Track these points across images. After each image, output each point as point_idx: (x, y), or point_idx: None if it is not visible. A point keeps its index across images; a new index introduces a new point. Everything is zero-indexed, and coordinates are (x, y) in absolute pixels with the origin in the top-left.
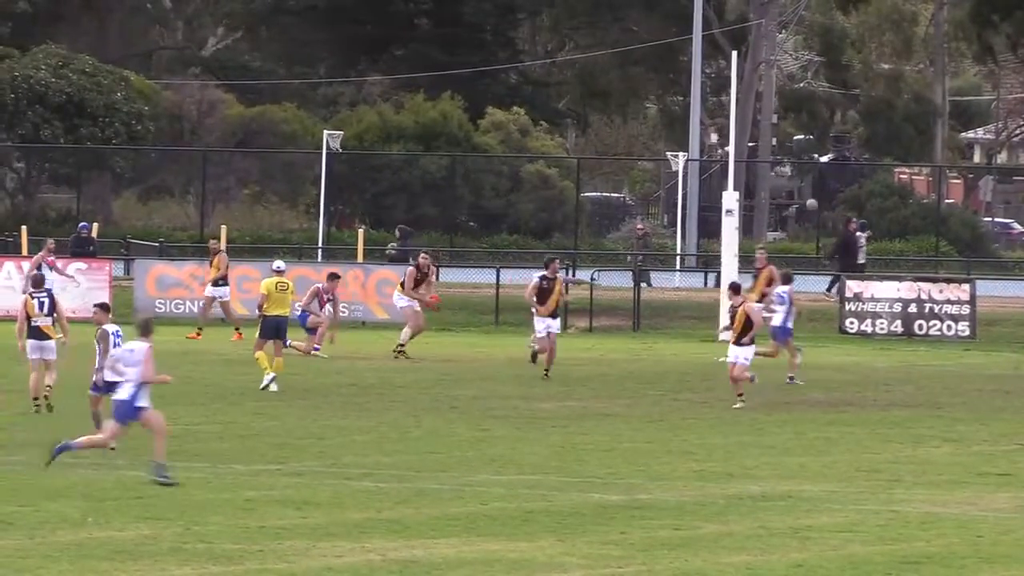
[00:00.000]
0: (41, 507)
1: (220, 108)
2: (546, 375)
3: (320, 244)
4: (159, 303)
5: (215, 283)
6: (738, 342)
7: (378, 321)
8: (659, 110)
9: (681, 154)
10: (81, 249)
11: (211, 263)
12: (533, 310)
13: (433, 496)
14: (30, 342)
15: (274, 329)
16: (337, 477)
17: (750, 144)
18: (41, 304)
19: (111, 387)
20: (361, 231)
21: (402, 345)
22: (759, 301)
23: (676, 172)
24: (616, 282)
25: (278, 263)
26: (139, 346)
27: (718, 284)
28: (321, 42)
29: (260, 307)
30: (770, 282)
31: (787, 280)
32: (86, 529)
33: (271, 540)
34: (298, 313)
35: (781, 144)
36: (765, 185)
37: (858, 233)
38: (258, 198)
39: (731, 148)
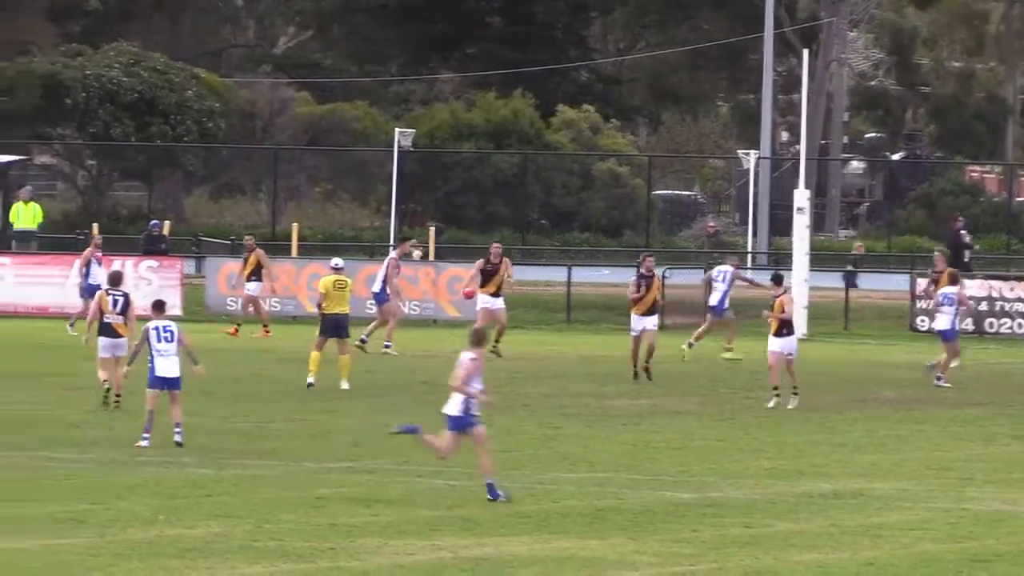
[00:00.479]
0: (112, 505)
1: (291, 106)
2: (639, 374)
3: (391, 242)
4: (230, 301)
5: (249, 278)
6: (778, 333)
7: (449, 319)
8: (730, 108)
9: (752, 152)
10: (152, 247)
11: (246, 260)
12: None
13: None
14: (102, 339)
15: (334, 327)
16: (408, 475)
17: (821, 142)
18: (115, 302)
19: (166, 383)
20: (432, 229)
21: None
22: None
23: (747, 170)
24: (688, 280)
25: (336, 260)
26: (464, 356)
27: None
28: (392, 40)
29: (319, 305)
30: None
31: (954, 281)
32: (157, 527)
33: (342, 538)
34: (376, 291)
35: (852, 142)
36: (836, 183)
37: (962, 232)
38: (329, 196)
39: (802, 146)
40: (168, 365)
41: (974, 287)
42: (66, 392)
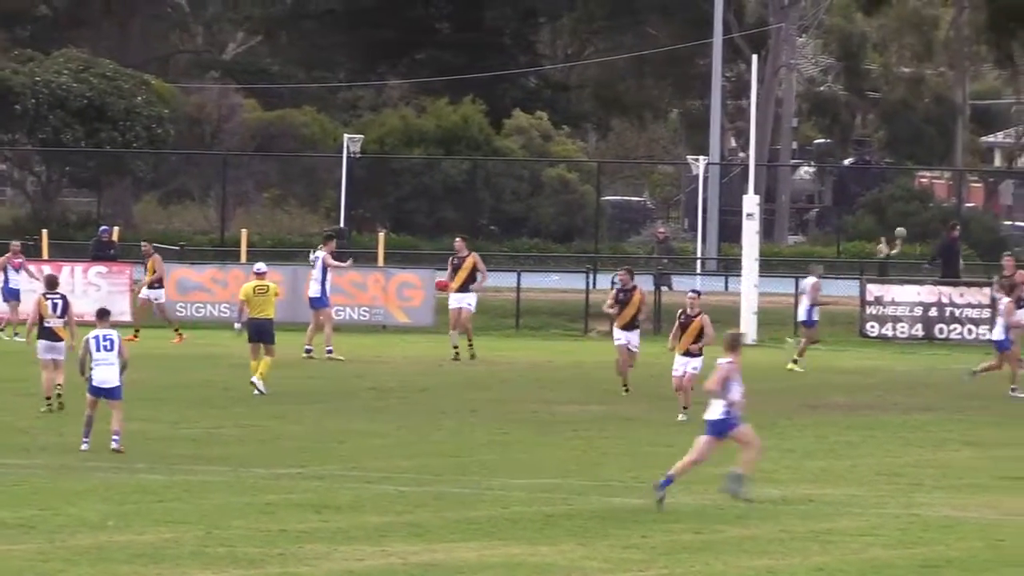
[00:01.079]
0: (61, 511)
1: (240, 112)
2: (626, 390)
3: (343, 248)
4: (179, 307)
5: (151, 285)
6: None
7: (399, 325)
8: (679, 114)
9: (701, 158)
10: (102, 253)
11: (146, 266)
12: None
13: (454, 500)
14: (41, 343)
15: (257, 332)
16: (357, 481)
17: (771, 148)
18: (55, 306)
19: (103, 391)
20: (382, 235)
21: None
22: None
23: (696, 176)
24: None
25: (259, 265)
26: (721, 361)
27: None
28: (341, 46)
29: (240, 311)
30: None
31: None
32: (106, 533)
33: (292, 544)
34: (316, 296)
35: (802, 147)
36: (786, 189)
37: (957, 240)
38: (279, 202)
39: (751, 152)
40: (105, 374)
41: (924, 292)
42: (14, 397)
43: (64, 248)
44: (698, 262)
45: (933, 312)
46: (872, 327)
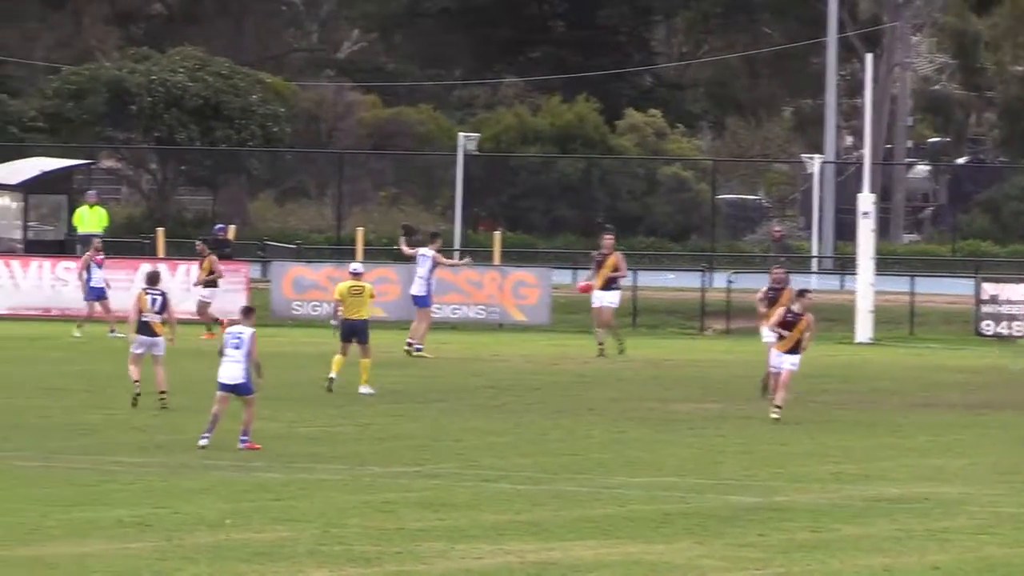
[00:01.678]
0: (179, 509)
1: (356, 110)
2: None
3: (457, 246)
4: (296, 305)
5: (205, 284)
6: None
7: (515, 323)
8: (794, 113)
9: (816, 156)
10: (217, 251)
11: (201, 264)
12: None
13: (571, 498)
14: (139, 337)
15: (350, 332)
16: (475, 479)
17: (885, 146)
18: (154, 301)
19: (228, 387)
20: (498, 233)
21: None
22: None
23: (811, 174)
24: (753, 284)
25: (355, 265)
26: None
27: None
28: (456, 44)
29: (336, 311)
30: None
31: None
32: (224, 531)
33: (409, 542)
34: (421, 294)
35: (917, 146)
36: (901, 187)
37: None
38: (395, 200)
39: (866, 150)
40: (231, 371)
41: None
42: (131, 396)
43: (179, 247)
44: (814, 260)
45: None
46: (987, 325)
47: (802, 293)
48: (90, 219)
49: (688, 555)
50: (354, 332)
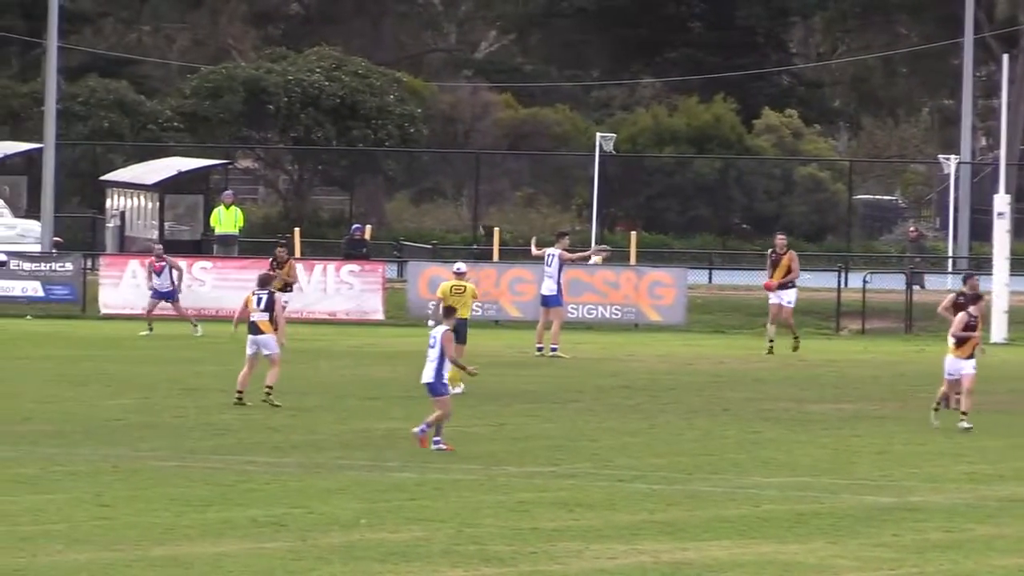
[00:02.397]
0: (314, 509)
1: (493, 110)
2: (941, 407)
3: (594, 244)
4: (432, 305)
5: (283, 289)
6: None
7: (651, 323)
8: (930, 113)
9: (953, 157)
10: (354, 251)
11: (281, 268)
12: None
13: (705, 498)
14: (248, 336)
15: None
16: (609, 479)
17: (1022, 147)
18: (259, 300)
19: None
20: (634, 233)
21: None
22: None
23: (947, 175)
24: (888, 284)
25: (459, 265)
26: None
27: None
28: (593, 44)
29: (436, 310)
30: None
31: None
32: (358, 531)
33: (544, 542)
34: (551, 294)
35: None
36: None
37: None
38: (531, 200)
39: (1002, 151)
40: (424, 371)
41: None
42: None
43: (316, 247)
44: (949, 261)
45: None
46: None
47: (970, 277)
48: (226, 219)
49: (821, 555)
50: (456, 332)
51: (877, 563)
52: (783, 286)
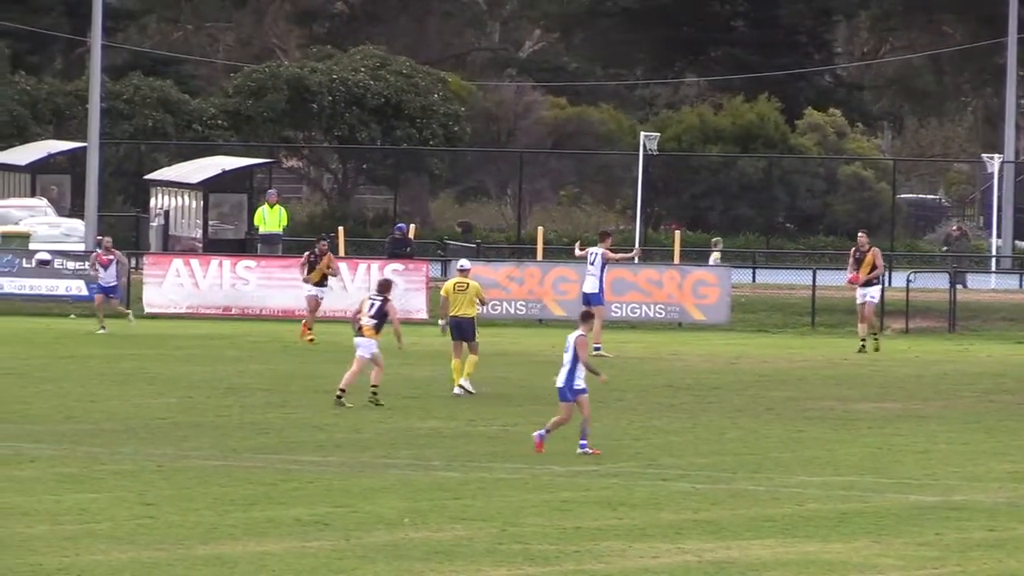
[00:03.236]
0: (358, 508)
1: (536, 109)
2: None
3: (637, 245)
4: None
5: (319, 283)
6: None
7: (694, 322)
8: (973, 112)
9: (996, 156)
10: (398, 250)
11: (320, 261)
12: None
13: (749, 497)
14: (355, 339)
15: (458, 330)
16: (653, 478)
17: None
18: (372, 305)
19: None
20: (677, 232)
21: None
22: None
23: (991, 174)
24: (932, 283)
25: (463, 262)
26: None
27: None
28: (637, 43)
29: (443, 309)
30: None
31: None
32: (402, 530)
33: (587, 541)
34: (594, 291)
35: None
36: None
37: None
38: (575, 199)
39: None
40: (560, 375)
41: None
42: (311, 394)
43: (360, 245)
44: (993, 260)
45: None
46: None
47: None
48: (271, 218)
49: (865, 554)
50: (461, 330)
51: (920, 562)
52: (868, 283)
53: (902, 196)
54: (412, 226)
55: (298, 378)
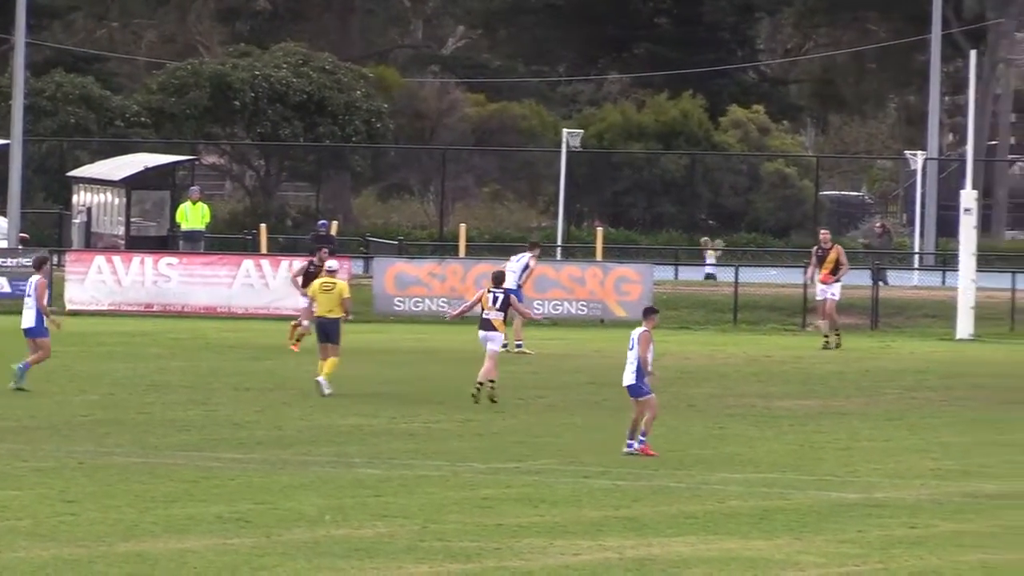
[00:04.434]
0: (278, 505)
1: (460, 106)
2: None
3: (559, 242)
4: (398, 301)
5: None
6: None
7: (617, 319)
8: (896, 109)
9: (919, 153)
10: (320, 246)
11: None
12: None
13: (670, 494)
14: (479, 332)
15: (322, 331)
16: (575, 475)
17: (988, 143)
18: (495, 299)
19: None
20: (600, 229)
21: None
22: None
23: (914, 171)
24: (855, 280)
25: (330, 263)
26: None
27: None
28: (560, 40)
29: (308, 309)
30: None
31: None
32: (323, 527)
33: (509, 538)
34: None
35: (1020, 143)
36: (1003, 184)
37: None
38: (497, 196)
39: (969, 147)
40: (624, 373)
41: None
42: (232, 392)
43: (282, 242)
44: (915, 257)
45: None
46: None
47: None
48: (193, 215)
49: (786, 551)
50: (326, 330)
51: (842, 559)
52: (829, 280)
53: (825, 193)
54: (334, 223)
55: (220, 375)
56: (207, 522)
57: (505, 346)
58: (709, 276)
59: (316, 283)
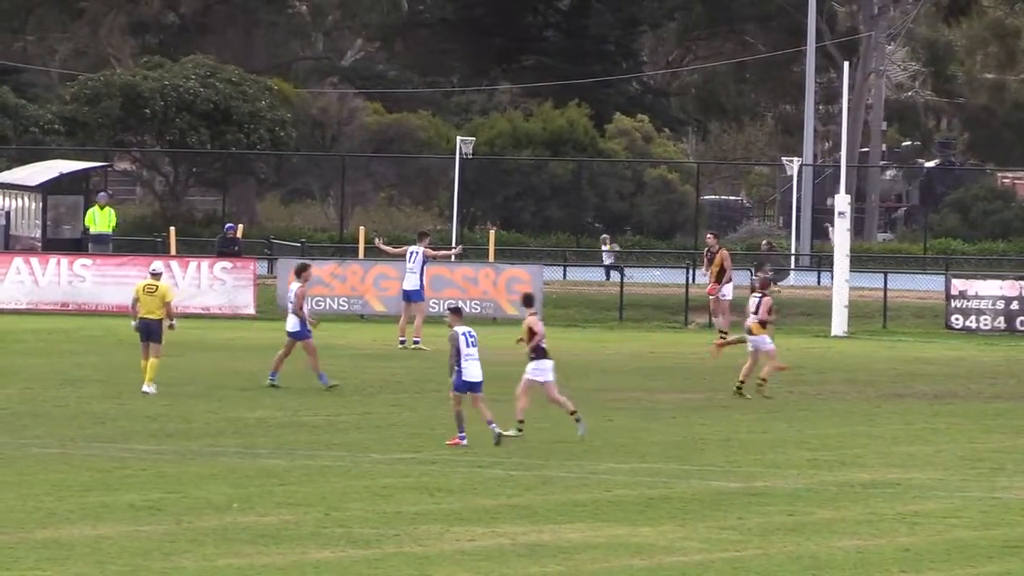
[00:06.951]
0: (188, 493)
1: (359, 116)
2: None
3: (453, 244)
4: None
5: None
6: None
7: (509, 317)
8: (774, 118)
9: (796, 159)
10: (227, 249)
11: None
12: None
13: (560, 483)
14: (750, 337)
15: (145, 332)
16: (469, 465)
17: (861, 150)
18: (757, 303)
19: (470, 386)
20: (492, 232)
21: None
22: None
23: (791, 176)
24: (736, 280)
25: (155, 265)
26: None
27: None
28: (454, 53)
29: (132, 310)
30: None
31: None
32: (231, 514)
33: (407, 525)
34: (415, 288)
35: (890, 150)
36: (875, 189)
37: None
38: (394, 201)
39: (843, 154)
40: (474, 370)
41: (1006, 287)
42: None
43: (190, 245)
44: (792, 258)
45: (1015, 305)
46: (956, 320)
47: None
48: (101, 219)
49: (671, 537)
50: (149, 331)
51: (723, 545)
52: (720, 280)
53: (705, 198)
54: (240, 226)
55: (132, 370)
56: (121, 510)
57: (403, 342)
58: (612, 268)
59: (140, 284)
